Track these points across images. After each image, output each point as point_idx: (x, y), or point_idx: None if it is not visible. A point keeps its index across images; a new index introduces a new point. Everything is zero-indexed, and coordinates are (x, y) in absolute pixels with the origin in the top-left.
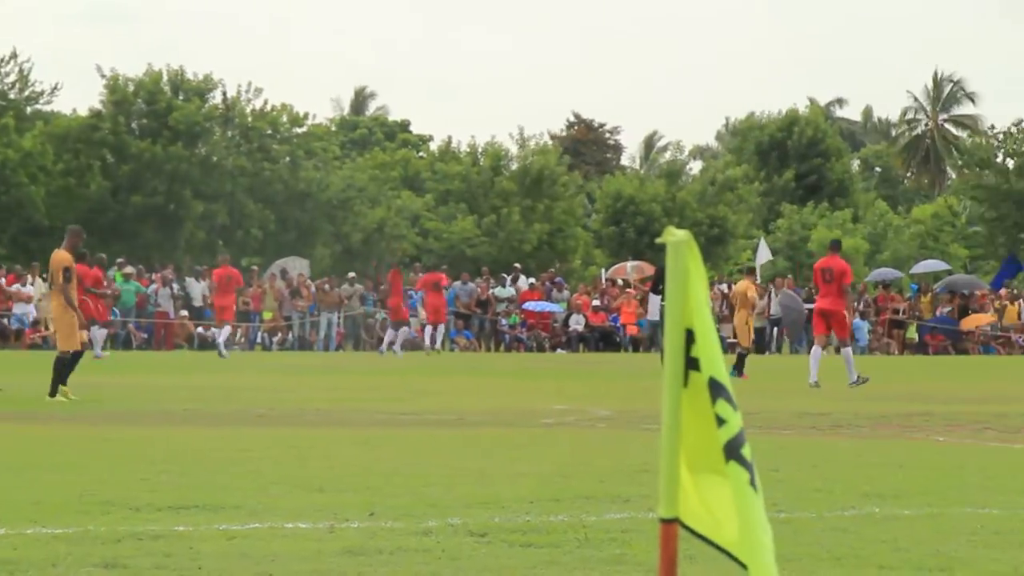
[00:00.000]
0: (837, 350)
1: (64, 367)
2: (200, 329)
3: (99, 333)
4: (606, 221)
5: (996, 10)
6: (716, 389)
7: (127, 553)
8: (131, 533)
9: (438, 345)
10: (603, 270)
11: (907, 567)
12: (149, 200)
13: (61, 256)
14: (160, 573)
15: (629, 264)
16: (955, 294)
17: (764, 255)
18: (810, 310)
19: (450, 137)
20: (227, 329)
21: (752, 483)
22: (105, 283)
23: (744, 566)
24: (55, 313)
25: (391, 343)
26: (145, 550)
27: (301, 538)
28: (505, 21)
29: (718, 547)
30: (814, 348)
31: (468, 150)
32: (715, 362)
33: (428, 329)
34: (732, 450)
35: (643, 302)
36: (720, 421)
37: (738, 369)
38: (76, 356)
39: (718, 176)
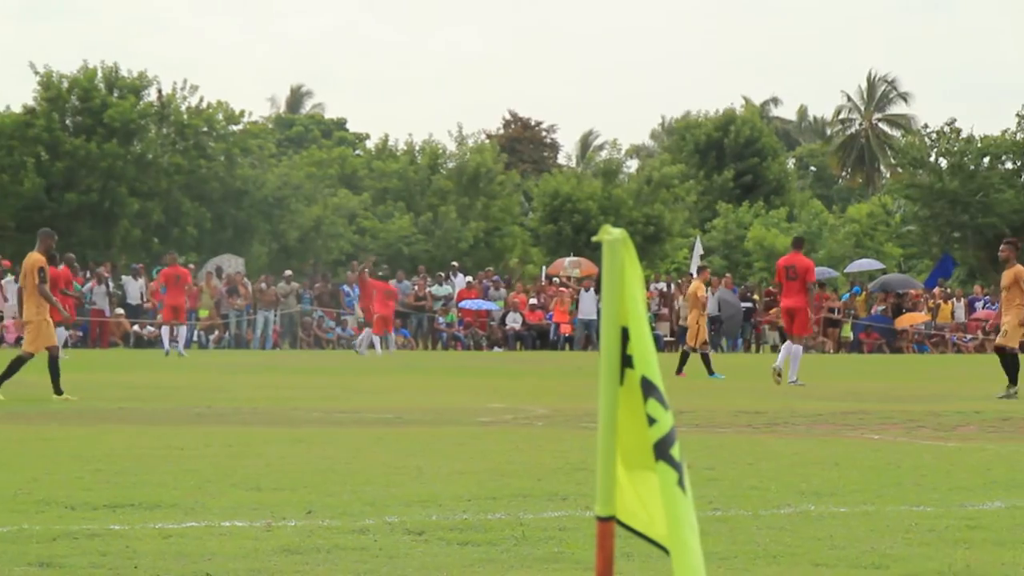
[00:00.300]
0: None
1: (19, 366)
2: (136, 327)
3: (61, 334)
4: (543, 219)
5: (925, 9)
6: (648, 388)
7: (62, 552)
8: (67, 532)
9: (391, 349)
10: (543, 268)
11: (842, 564)
12: (84, 197)
13: (35, 258)
14: (96, 572)
15: (567, 260)
16: (889, 293)
17: (699, 253)
18: (747, 308)
19: (387, 135)
20: (183, 329)
21: (680, 483)
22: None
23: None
24: (28, 315)
25: (371, 343)
26: (81, 549)
27: (238, 536)
28: (441, 19)
29: (654, 542)
30: (795, 348)
31: (405, 148)
32: (648, 361)
33: (377, 339)
34: (661, 450)
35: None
36: (651, 420)
37: (680, 367)
38: (53, 358)
39: (654, 174)
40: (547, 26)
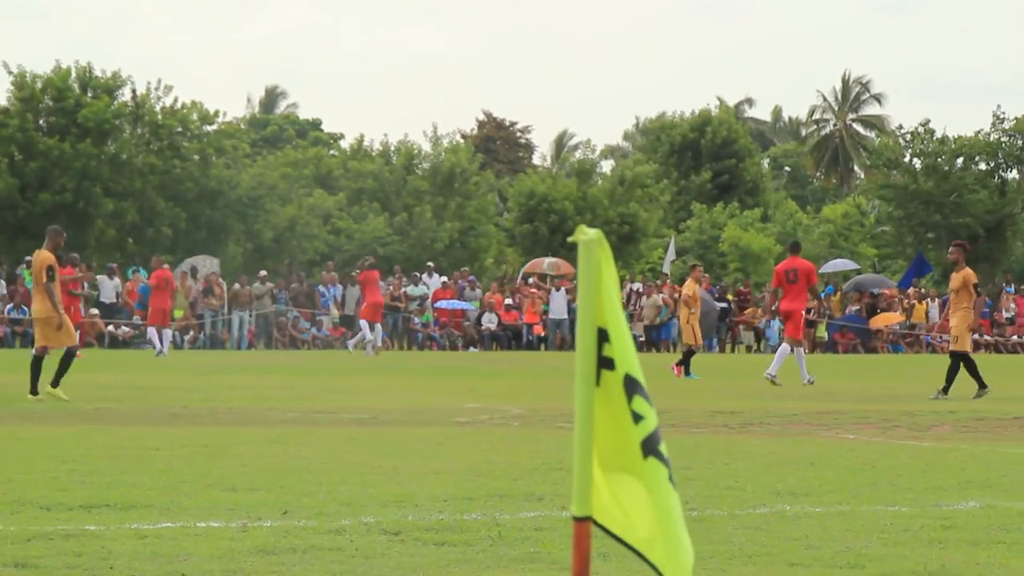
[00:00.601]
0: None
1: (39, 365)
2: (111, 327)
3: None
4: (519, 219)
5: (898, 10)
6: (632, 386)
7: (38, 553)
8: (42, 533)
9: (351, 344)
10: (520, 270)
11: (818, 564)
12: (58, 198)
13: (44, 256)
14: (71, 573)
15: (546, 261)
16: (864, 293)
17: (672, 254)
18: (722, 308)
19: (362, 135)
20: (168, 332)
21: (671, 479)
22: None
23: (653, 566)
24: (38, 313)
25: (371, 342)
26: (56, 549)
27: (213, 537)
28: (415, 19)
29: (630, 547)
30: (797, 351)
31: (380, 148)
32: (630, 360)
33: (368, 327)
34: (650, 446)
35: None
36: (637, 418)
37: (685, 368)
38: (69, 355)
39: (627, 173)
40: (522, 27)
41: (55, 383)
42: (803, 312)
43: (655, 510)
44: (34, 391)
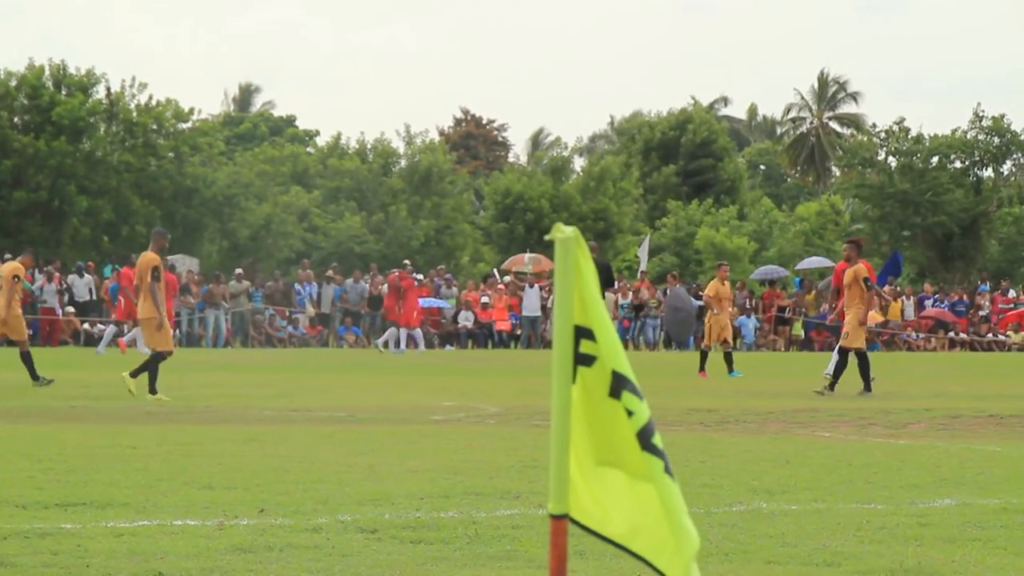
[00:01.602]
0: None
1: (157, 365)
2: (86, 325)
3: (110, 330)
4: (496, 217)
5: (875, 9)
6: (621, 382)
7: (13, 551)
8: (17, 531)
9: (392, 348)
10: (495, 269)
11: (794, 562)
12: (33, 195)
13: (149, 257)
14: (48, 571)
15: (527, 256)
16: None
17: (647, 252)
18: (702, 307)
19: (340, 133)
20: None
21: (667, 470)
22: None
23: (639, 556)
24: (145, 314)
25: (396, 342)
26: (32, 548)
27: (190, 535)
28: (391, 16)
29: (609, 540)
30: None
31: (357, 147)
32: (616, 356)
33: (404, 334)
34: (644, 439)
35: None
36: (628, 413)
37: (728, 366)
38: (158, 357)
39: (594, 169)
40: (498, 25)
41: (152, 389)
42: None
43: (661, 502)
44: (152, 390)
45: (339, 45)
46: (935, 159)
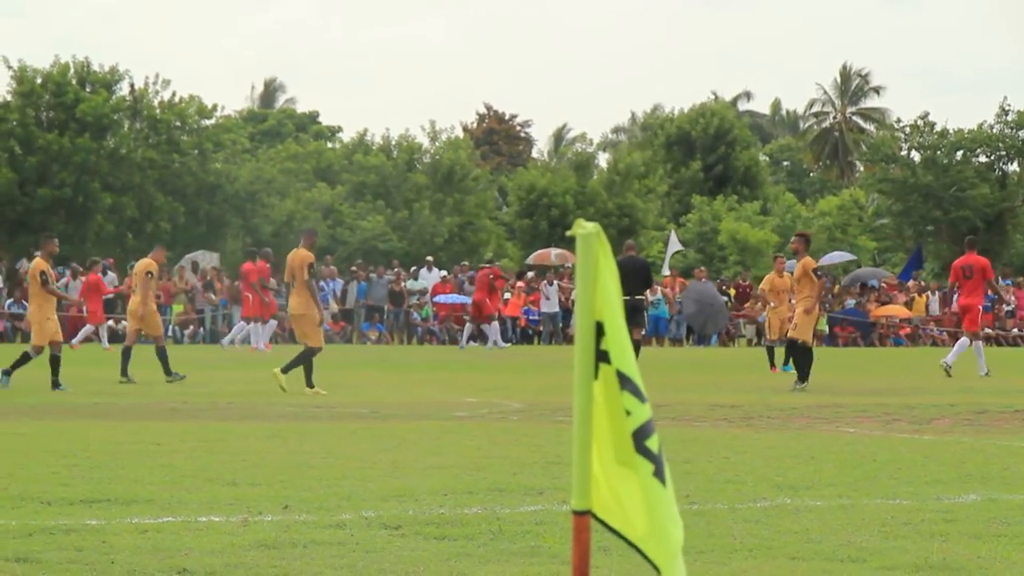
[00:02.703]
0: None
1: (311, 360)
2: (111, 322)
3: (271, 327)
4: (519, 213)
5: (899, 3)
6: (623, 382)
7: (38, 548)
8: (43, 527)
9: (500, 343)
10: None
11: (818, 558)
12: (57, 192)
13: (303, 254)
14: (72, 567)
15: (553, 252)
16: (865, 286)
17: (674, 247)
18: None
19: (365, 129)
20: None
21: (656, 475)
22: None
23: (652, 563)
24: (300, 310)
25: (494, 341)
26: (57, 544)
27: (214, 531)
28: (413, 12)
29: (628, 542)
30: (975, 344)
31: (382, 143)
32: (624, 355)
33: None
34: (638, 441)
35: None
36: (627, 412)
37: (787, 359)
38: (310, 352)
39: (620, 165)
40: (521, 20)
41: (309, 383)
42: (980, 306)
43: (645, 505)
44: (309, 384)
45: (362, 41)
46: (959, 153)
